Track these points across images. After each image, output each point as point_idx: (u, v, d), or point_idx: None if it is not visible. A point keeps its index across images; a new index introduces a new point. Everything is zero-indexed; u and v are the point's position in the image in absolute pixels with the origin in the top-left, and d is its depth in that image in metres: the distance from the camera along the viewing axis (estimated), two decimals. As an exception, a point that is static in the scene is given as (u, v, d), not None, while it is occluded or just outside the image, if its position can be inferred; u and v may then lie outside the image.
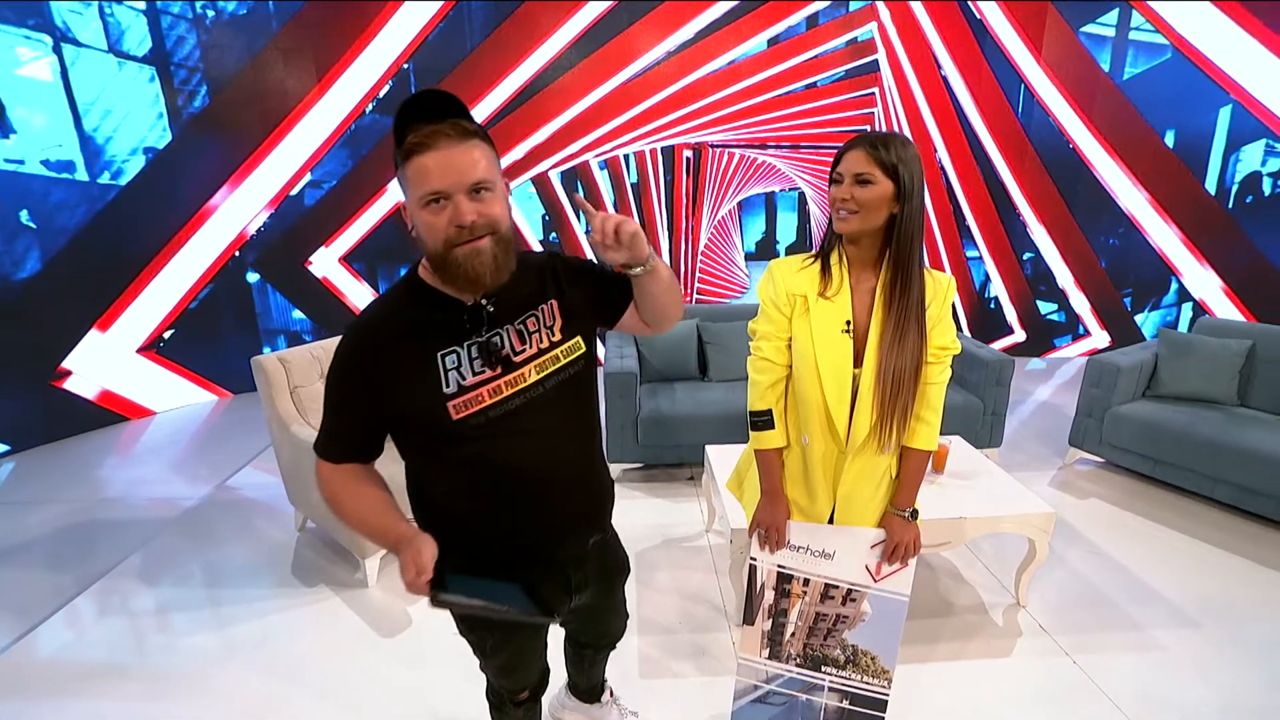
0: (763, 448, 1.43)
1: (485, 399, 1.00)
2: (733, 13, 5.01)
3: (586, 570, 1.24)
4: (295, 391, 2.65)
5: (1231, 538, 2.70)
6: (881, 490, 1.42)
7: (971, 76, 5.12)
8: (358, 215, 4.96)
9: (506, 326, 1.04)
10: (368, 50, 4.67)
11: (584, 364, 1.12)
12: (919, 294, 1.29)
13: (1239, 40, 4.53)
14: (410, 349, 1.00)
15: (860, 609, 1.49)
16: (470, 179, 0.92)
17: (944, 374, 1.37)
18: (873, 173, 1.22)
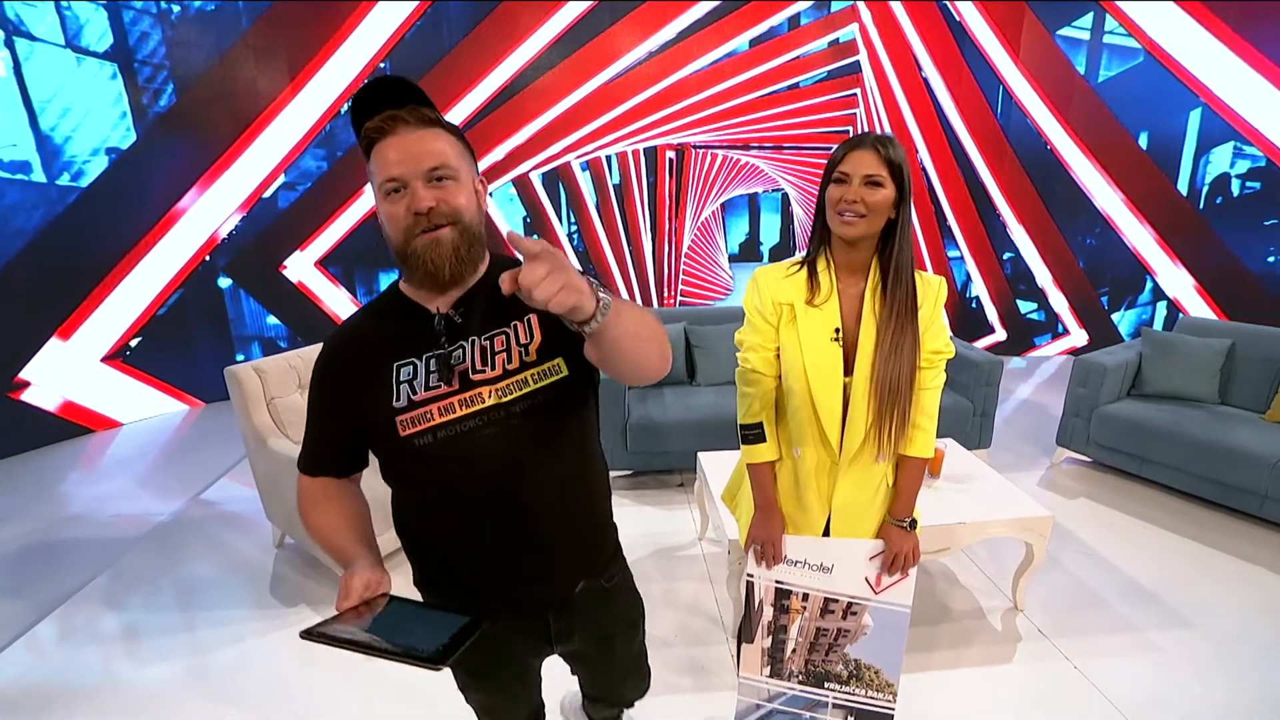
0: (755, 461, 1.39)
1: (435, 417, 0.92)
2: (715, 13, 4.98)
3: (571, 620, 1.10)
4: (272, 403, 2.54)
5: (1218, 535, 2.73)
6: (879, 500, 1.39)
7: (951, 78, 5.16)
8: (334, 218, 4.83)
9: (473, 338, 0.94)
10: (343, 49, 4.55)
11: (563, 389, 0.96)
12: (912, 297, 1.26)
13: (1207, 44, 4.62)
14: (372, 359, 0.95)
15: (861, 622, 1.45)
16: (427, 164, 0.87)
17: (938, 379, 1.34)
18: (882, 174, 1.20)
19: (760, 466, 1.39)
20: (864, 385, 1.26)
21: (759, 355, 1.34)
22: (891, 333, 1.24)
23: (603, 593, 1.12)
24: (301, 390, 2.66)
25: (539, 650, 1.13)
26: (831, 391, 1.27)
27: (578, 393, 0.98)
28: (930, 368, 1.32)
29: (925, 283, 1.31)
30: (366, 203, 4.88)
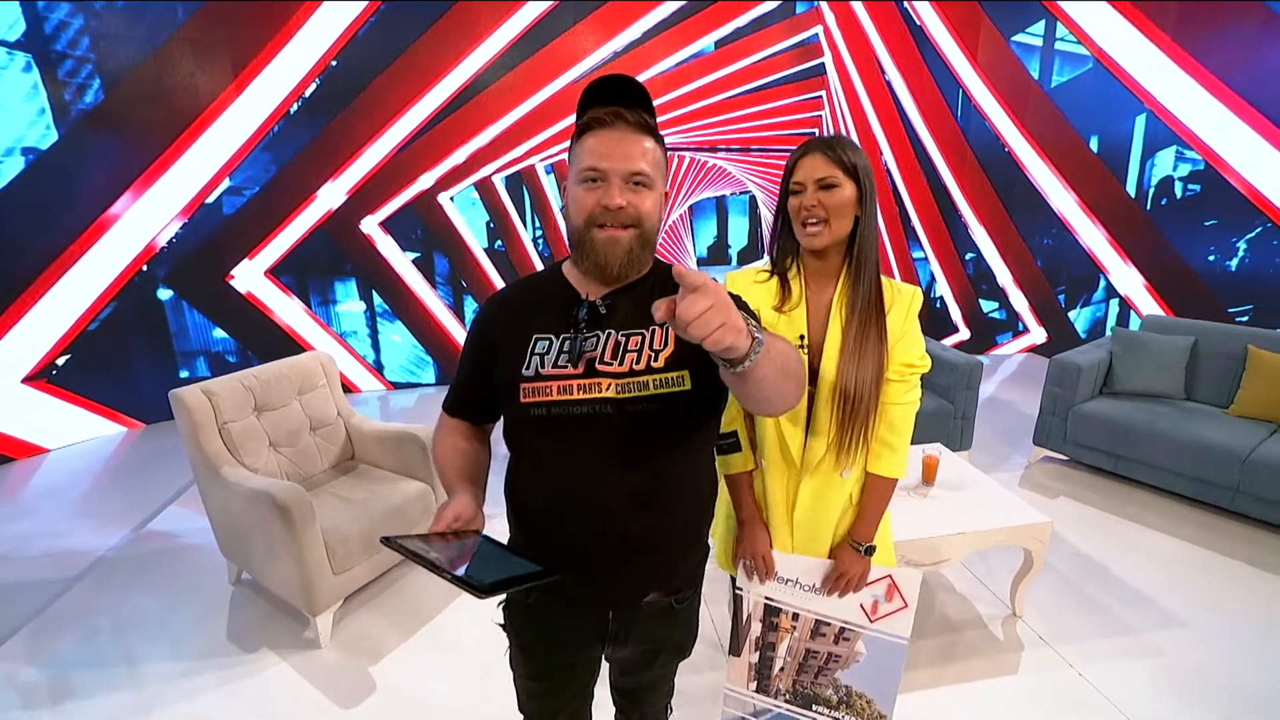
0: (729, 472, 1.35)
1: (552, 393, 0.96)
2: (680, 13, 4.91)
3: (631, 626, 1.10)
4: (225, 428, 2.33)
5: (1195, 530, 2.79)
6: (842, 517, 1.34)
7: (913, 81, 5.22)
8: (285, 224, 4.55)
9: (609, 331, 0.98)
10: (290, 46, 4.28)
11: (682, 402, 0.97)
12: (877, 299, 1.22)
13: (1148, 52, 4.80)
14: (518, 323, 1.01)
15: (854, 649, 1.38)
16: (632, 166, 0.92)
17: (910, 394, 1.27)
18: (835, 175, 1.17)
19: (736, 478, 1.35)
20: (827, 393, 1.22)
21: None
22: (854, 335, 1.20)
23: (670, 611, 1.11)
24: (258, 413, 2.45)
25: (591, 645, 1.12)
26: None
27: (696, 409, 1.00)
28: (901, 381, 1.26)
29: (896, 290, 1.27)
30: (321, 208, 4.62)
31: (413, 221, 4.84)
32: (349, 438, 2.69)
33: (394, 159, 4.66)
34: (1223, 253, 4.78)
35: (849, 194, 1.18)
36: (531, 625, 1.10)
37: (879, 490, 1.30)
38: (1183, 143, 4.85)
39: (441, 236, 4.94)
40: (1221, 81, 4.51)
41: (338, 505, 2.33)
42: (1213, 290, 4.85)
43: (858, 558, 1.31)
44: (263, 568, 2.23)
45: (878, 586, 1.35)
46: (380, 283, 4.89)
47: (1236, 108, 4.47)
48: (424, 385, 5.18)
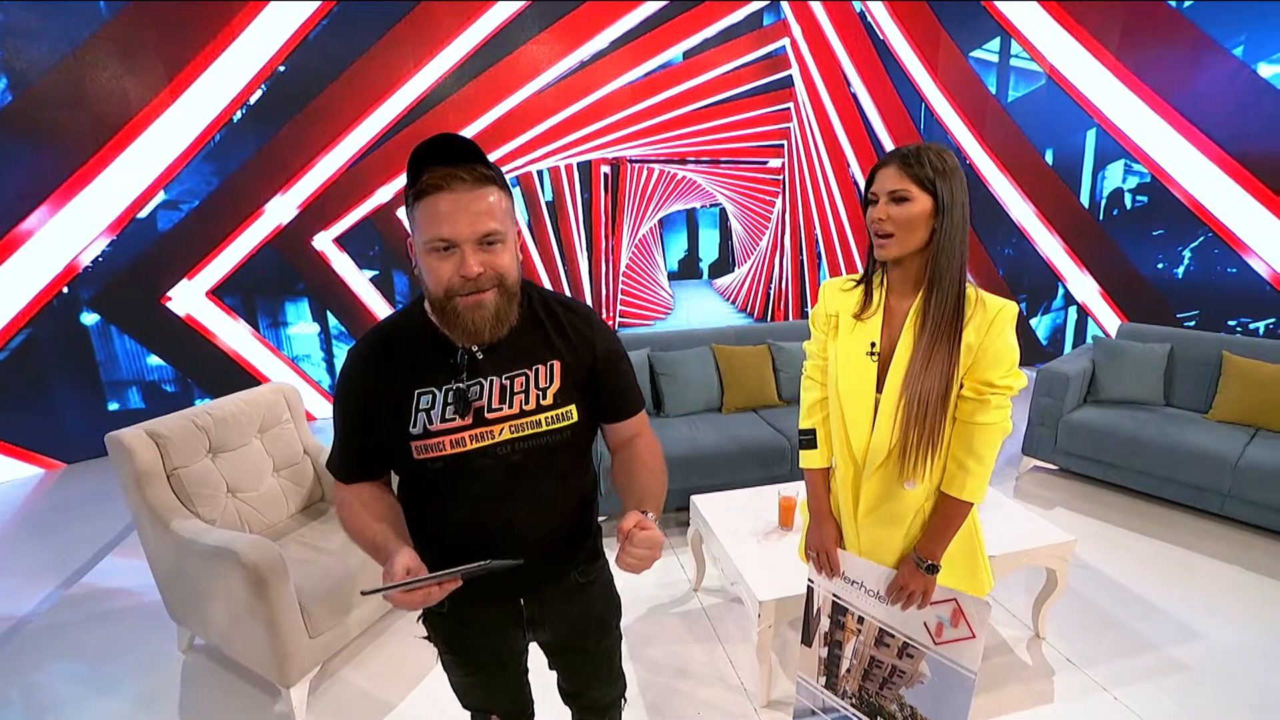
0: (806, 467, 1.42)
1: (445, 448, 0.99)
2: (647, 23, 4.82)
3: (544, 609, 1.16)
4: (175, 474, 2.04)
5: (1191, 536, 2.81)
6: (908, 530, 1.30)
7: (878, 94, 5.28)
8: (229, 241, 4.19)
9: (491, 378, 1.00)
10: (232, 48, 3.97)
11: (570, 434, 1.05)
12: (953, 316, 1.17)
13: (1096, 70, 5.00)
14: (395, 381, 0.99)
15: (918, 668, 1.34)
16: (481, 229, 0.90)
17: (990, 414, 1.20)
18: (908, 189, 1.16)
19: (813, 473, 1.41)
20: (892, 402, 1.22)
21: (814, 363, 1.40)
22: (923, 349, 1.18)
23: (577, 588, 1.18)
24: (213, 455, 2.17)
25: (514, 635, 1.17)
26: (861, 407, 1.26)
27: (583, 436, 1.08)
28: (978, 399, 1.19)
29: (983, 304, 1.21)
30: (269, 223, 4.28)
31: (370, 237, 4.56)
32: (317, 477, 2.43)
33: (349, 171, 4.37)
34: (1170, 261, 4.99)
35: (921, 208, 1.16)
36: (455, 628, 1.15)
37: (951, 511, 1.25)
38: (1130, 156, 5.06)
39: (401, 253, 4.67)
40: (1162, 99, 4.72)
41: (311, 557, 2.06)
42: (1163, 296, 5.06)
43: (918, 573, 1.27)
44: (223, 633, 1.95)
45: (943, 608, 1.30)
46: (335, 303, 4.57)
47: (1177, 124, 4.68)
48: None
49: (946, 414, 1.19)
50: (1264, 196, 4.32)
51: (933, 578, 1.27)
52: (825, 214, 5.75)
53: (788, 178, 5.64)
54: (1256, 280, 4.43)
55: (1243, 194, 4.44)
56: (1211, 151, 4.52)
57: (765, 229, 5.81)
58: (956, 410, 1.21)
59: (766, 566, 1.97)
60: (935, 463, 1.22)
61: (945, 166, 1.15)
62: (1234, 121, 4.43)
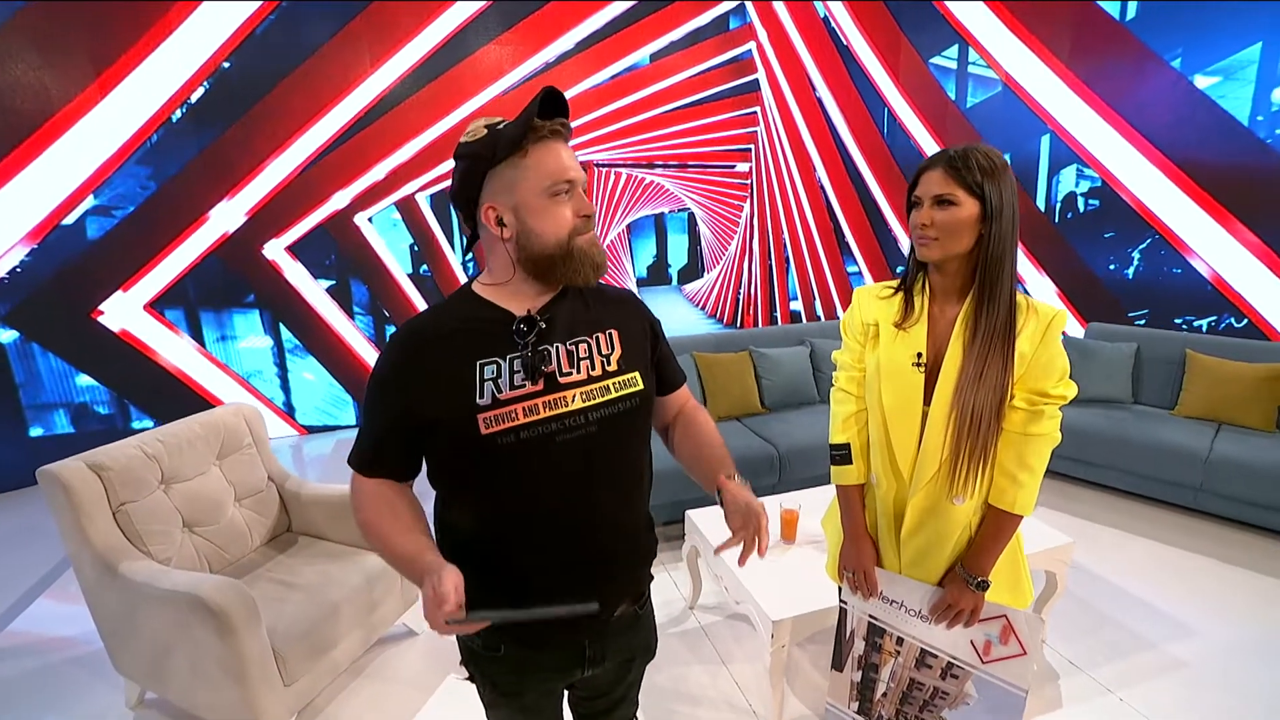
0: (841, 483, 1.35)
1: (519, 417, 0.92)
2: (613, 25, 4.74)
3: (606, 644, 1.07)
4: (122, 510, 1.82)
5: (1169, 531, 2.87)
6: (955, 546, 1.25)
7: (842, 98, 5.33)
8: (169, 249, 3.89)
9: (556, 344, 0.96)
10: (169, 42, 3.69)
11: (638, 402, 1.00)
12: (1009, 323, 1.13)
13: (1047, 78, 5.18)
14: (450, 354, 0.93)
15: (963, 688, 1.28)
16: (582, 174, 0.95)
17: (1043, 425, 1.16)
18: (954, 193, 1.11)
19: (848, 490, 1.34)
20: (942, 415, 1.16)
21: (847, 375, 1.33)
22: (975, 359, 1.13)
23: (635, 618, 1.10)
24: (166, 487, 1.95)
25: (570, 672, 1.08)
26: (908, 420, 1.20)
27: (646, 408, 1.02)
28: (1031, 409, 1.15)
29: (1033, 311, 1.16)
30: (215, 231, 3.99)
31: (326, 245, 4.31)
32: (283, 506, 2.22)
33: (302, 175, 4.12)
34: (1121, 262, 5.19)
35: (968, 213, 1.11)
36: (511, 672, 1.04)
37: (1000, 525, 1.20)
38: (1082, 162, 5.24)
39: (359, 261, 4.44)
40: (1110, 107, 4.91)
41: (282, 594, 1.87)
42: (1115, 297, 5.26)
43: (968, 591, 1.22)
44: (184, 688, 1.74)
45: (991, 626, 1.24)
46: (289, 315, 4.30)
47: (1124, 131, 4.87)
48: (343, 428, 4.60)
49: (1000, 426, 1.15)
50: (1203, 201, 4.53)
51: (982, 595, 1.21)
52: (793, 218, 5.77)
53: (755, 182, 5.64)
54: (1199, 280, 4.62)
55: (1184, 199, 4.64)
56: (1155, 158, 4.72)
57: (734, 234, 5.79)
58: (1007, 421, 1.15)
59: (774, 583, 1.89)
60: (986, 476, 1.17)
61: (994, 167, 1.11)
62: (1174, 130, 4.63)
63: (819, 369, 3.54)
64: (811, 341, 3.62)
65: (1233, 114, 4.37)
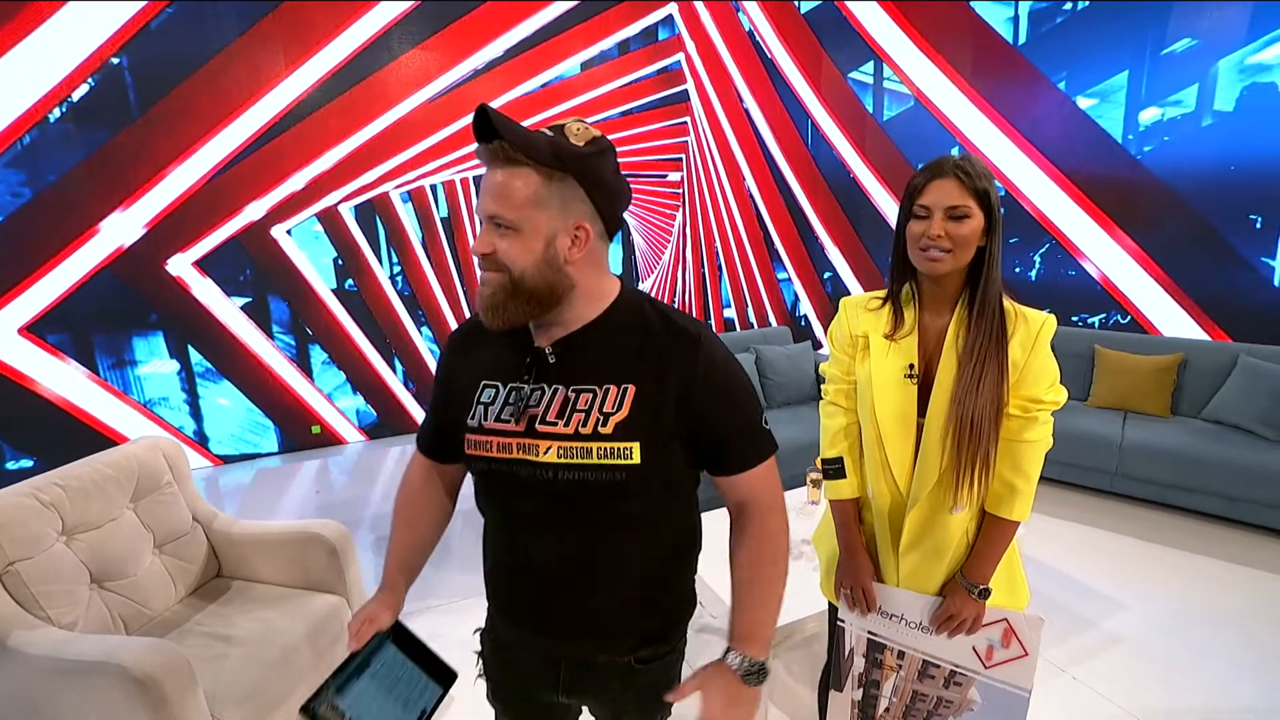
0: (835, 498, 1.32)
1: (493, 450, 0.91)
2: (541, 33, 4.66)
3: (585, 678, 1.01)
4: (12, 571, 1.57)
5: (1094, 514, 3.09)
6: (954, 556, 1.25)
7: (768, 110, 5.49)
8: (50, 266, 3.46)
9: (557, 386, 0.89)
10: (39, 34, 3.30)
11: (624, 478, 0.86)
12: (1000, 331, 1.15)
13: (953, 94, 5.55)
14: (471, 366, 0.97)
15: (967, 695, 1.28)
16: (488, 210, 0.83)
17: (1036, 432, 1.18)
18: (968, 205, 1.10)
19: (842, 504, 1.31)
20: (939, 426, 1.15)
21: (837, 387, 1.31)
22: (972, 367, 1.13)
23: (630, 670, 1.00)
24: (68, 538, 1.70)
25: (546, 689, 1.03)
26: (903, 432, 1.19)
27: (644, 486, 0.88)
28: (1025, 416, 1.16)
29: (1023, 318, 1.18)
30: (107, 244, 3.60)
31: (240, 260, 3.98)
32: (212, 549, 1.99)
33: (210, 184, 3.79)
34: (1024, 265, 5.61)
35: (978, 224, 1.11)
36: (497, 660, 1.07)
37: (999, 532, 1.21)
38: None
39: (278, 277, 4.12)
40: (1008, 122, 5.31)
41: (219, 650, 1.67)
42: (1020, 298, 5.65)
43: (970, 600, 1.21)
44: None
45: (993, 630, 1.23)
46: (198, 336, 3.93)
47: (1021, 145, 5.28)
48: (264, 455, 4.24)
49: (997, 436, 1.15)
50: (1090, 209, 4.97)
51: (984, 603, 1.22)
52: (724, 226, 5.87)
53: (687, 191, 5.70)
54: (1089, 281, 5.07)
55: (1074, 207, 5.08)
56: (1049, 170, 5.13)
57: (667, 242, 5.82)
58: (1003, 429, 1.16)
59: (753, 595, 1.87)
60: (985, 485, 1.17)
61: (989, 178, 1.12)
62: (1063, 145, 5.07)
63: (765, 375, 3.59)
64: (756, 348, 3.66)
65: (1109, 132, 4.84)
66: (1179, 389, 3.30)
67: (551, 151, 0.80)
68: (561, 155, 0.81)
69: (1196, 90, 4.35)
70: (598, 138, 0.84)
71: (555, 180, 0.82)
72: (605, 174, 0.85)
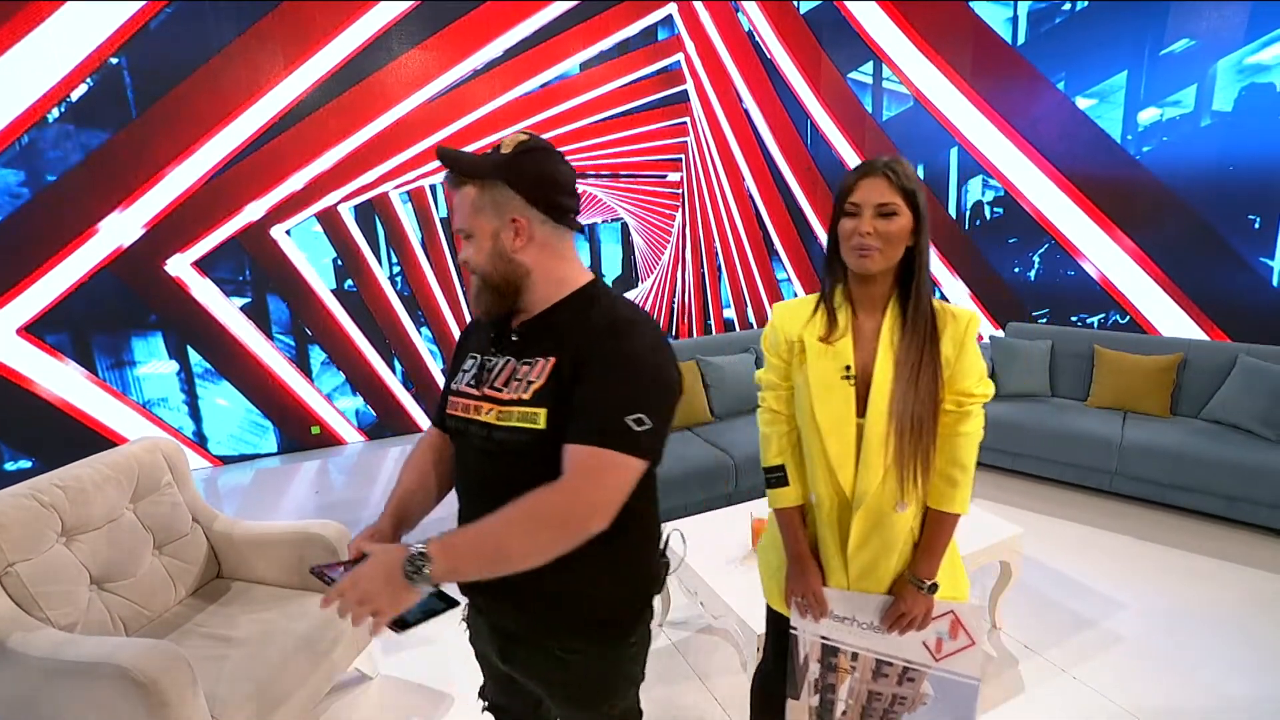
0: (779, 506, 1.31)
1: (457, 409, 1.06)
2: (541, 33, 4.66)
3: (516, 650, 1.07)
4: (12, 573, 1.57)
5: (1092, 514, 3.09)
6: (901, 554, 1.26)
7: (768, 110, 5.49)
8: (49, 266, 3.46)
9: (509, 359, 1.02)
10: (39, 33, 3.30)
11: (529, 441, 0.94)
12: (933, 329, 1.17)
13: (952, 94, 5.55)
14: (467, 344, 1.13)
15: (920, 690, 1.30)
16: (455, 224, 1.03)
17: (970, 425, 1.20)
18: (896, 202, 1.13)
19: (787, 512, 1.31)
20: (880, 426, 1.16)
21: (774, 394, 1.30)
22: (910, 367, 1.15)
23: (554, 657, 1.04)
24: (68, 539, 1.70)
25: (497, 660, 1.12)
26: (843, 434, 1.19)
27: (546, 452, 0.92)
28: (958, 410, 1.19)
29: (951, 315, 1.20)
30: (106, 244, 3.60)
31: (239, 260, 3.97)
32: (212, 550, 1.99)
33: (209, 184, 3.79)
34: (1023, 265, 5.61)
35: (906, 222, 1.13)
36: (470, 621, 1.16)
37: (942, 526, 1.22)
38: (986, 173, 5.64)
39: (278, 277, 4.12)
40: (1007, 122, 5.31)
41: (219, 651, 1.67)
42: (1020, 298, 5.68)
43: (920, 596, 1.23)
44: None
45: (941, 623, 1.26)
46: (198, 336, 3.93)
47: (1020, 145, 5.28)
48: (263, 456, 4.24)
49: (936, 432, 1.17)
50: (1089, 209, 4.97)
51: (933, 597, 1.23)
52: (724, 226, 5.87)
53: (686, 191, 5.70)
54: (1089, 281, 5.06)
55: (1073, 207, 5.08)
56: (1048, 170, 5.14)
57: (667, 243, 5.82)
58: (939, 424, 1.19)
59: (754, 594, 1.86)
60: (928, 481, 1.18)
61: (916, 178, 1.15)
62: (1062, 145, 5.07)
63: (765, 375, 3.59)
64: (755, 348, 3.67)
65: (1108, 132, 4.84)
66: (1178, 389, 3.31)
67: (482, 166, 0.96)
68: (489, 165, 0.95)
69: (1195, 90, 4.36)
70: (524, 141, 0.96)
71: (488, 188, 0.96)
72: (528, 170, 0.96)
